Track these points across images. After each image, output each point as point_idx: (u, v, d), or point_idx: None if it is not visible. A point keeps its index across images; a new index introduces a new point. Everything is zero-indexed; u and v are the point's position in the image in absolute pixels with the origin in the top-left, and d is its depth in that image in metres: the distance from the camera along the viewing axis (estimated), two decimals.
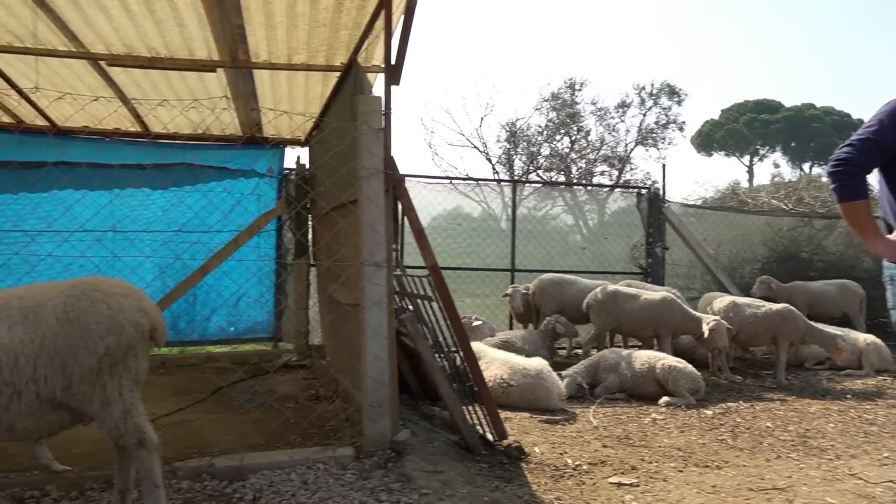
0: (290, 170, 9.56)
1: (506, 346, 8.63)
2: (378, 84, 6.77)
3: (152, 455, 3.55)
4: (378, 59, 6.57)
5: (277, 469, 4.66)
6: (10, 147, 8.20)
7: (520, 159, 25.14)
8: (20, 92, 7.02)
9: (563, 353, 10.28)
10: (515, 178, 21.11)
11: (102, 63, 6.47)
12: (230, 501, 4.17)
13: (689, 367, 7.78)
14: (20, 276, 8.17)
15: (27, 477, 4.50)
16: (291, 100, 7.73)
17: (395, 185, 5.08)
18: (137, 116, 8.32)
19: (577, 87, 26.06)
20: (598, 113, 26.44)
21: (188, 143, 9.00)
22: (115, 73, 6.83)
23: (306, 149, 9.54)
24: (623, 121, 27.13)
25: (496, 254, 11.76)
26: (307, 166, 9.30)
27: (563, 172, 25.09)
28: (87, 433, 5.79)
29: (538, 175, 24.23)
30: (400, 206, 5.56)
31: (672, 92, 27.30)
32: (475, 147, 25.38)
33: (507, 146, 24.94)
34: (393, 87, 5.25)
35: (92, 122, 8.42)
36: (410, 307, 6.36)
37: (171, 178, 8.93)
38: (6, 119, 8.27)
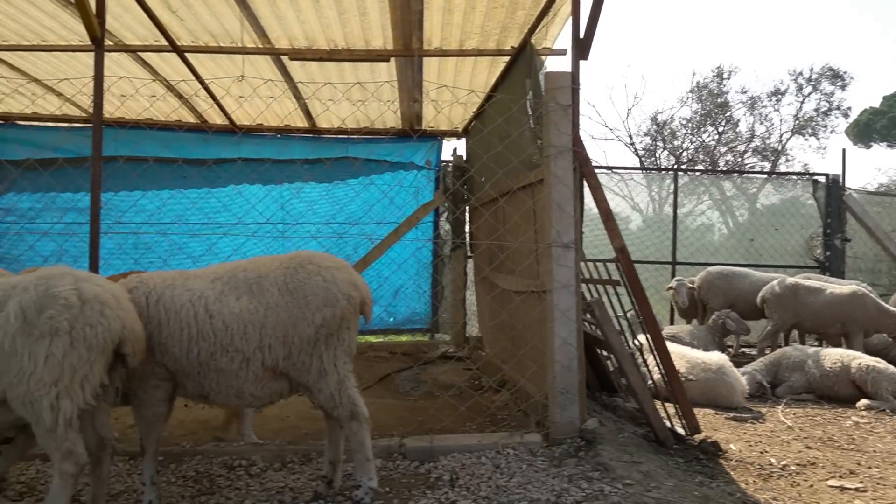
0: (447, 162, 9.61)
1: (672, 341, 8.16)
2: (552, 63, 6.63)
3: (363, 427, 3.58)
4: (550, 41, 6.41)
5: (467, 452, 4.61)
6: (198, 146, 8.81)
7: (667, 151, 24.05)
8: (209, 91, 7.48)
9: (730, 350, 9.61)
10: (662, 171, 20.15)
11: (284, 58, 6.77)
12: (427, 481, 4.15)
13: (892, 367, 6.98)
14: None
15: (235, 447, 4.74)
16: (454, 90, 7.72)
17: (582, 163, 4.88)
18: (308, 113, 8.66)
19: (725, 75, 24.60)
20: (749, 102, 24.81)
21: (351, 138, 9.27)
22: (294, 69, 7.13)
23: (462, 140, 9.59)
24: (777, 109, 25.26)
25: (637, 250, 11.27)
26: (464, 157, 9.32)
27: (709, 166, 23.73)
28: (275, 411, 6.07)
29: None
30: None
31: (835, 76, 25.06)
32: (620, 140, 24.60)
33: (653, 139, 23.94)
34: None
35: (266, 120, 8.92)
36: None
37: (336, 172, 9.25)
38: (193, 120, 8.89)
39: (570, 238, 4.78)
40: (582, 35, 4.86)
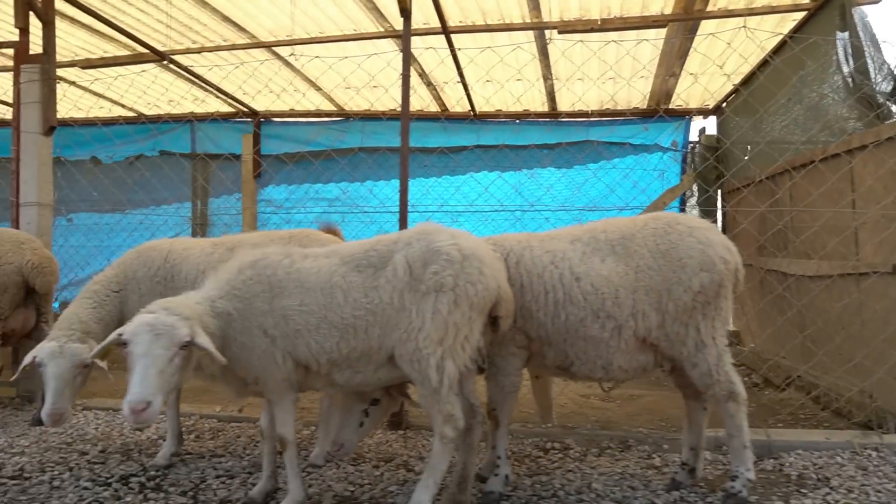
0: (695, 142, 8.90)
1: None
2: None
3: (741, 409, 3.15)
4: None
5: (813, 450, 4.02)
6: (436, 134, 8.88)
7: None
8: (461, 75, 7.43)
9: None
10: None
11: (548, 33, 6.53)
12: (789, 479, 3.62)
13: None
14: None
15: (543, 429, 4.51)
16: (722, 59, 7.03)
17: None
18: (551, 96, 8.41)
19: None
20: None
21: (591, 121, 8.89)
22: (552, 45, 6.87)
23: (710, 119, 8.86)
24: None
25: None
26: (717, 137, 8.60)
27: None
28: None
29: None
30: None
31: None
32: None
33: None
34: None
35: (506, 105, 8.79)
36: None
37: (577, 157, 8.91)
38: (434, 108, 8.99)
39: None
40: None
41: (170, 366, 2.58)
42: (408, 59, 4.71)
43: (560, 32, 6.37)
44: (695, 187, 8.87)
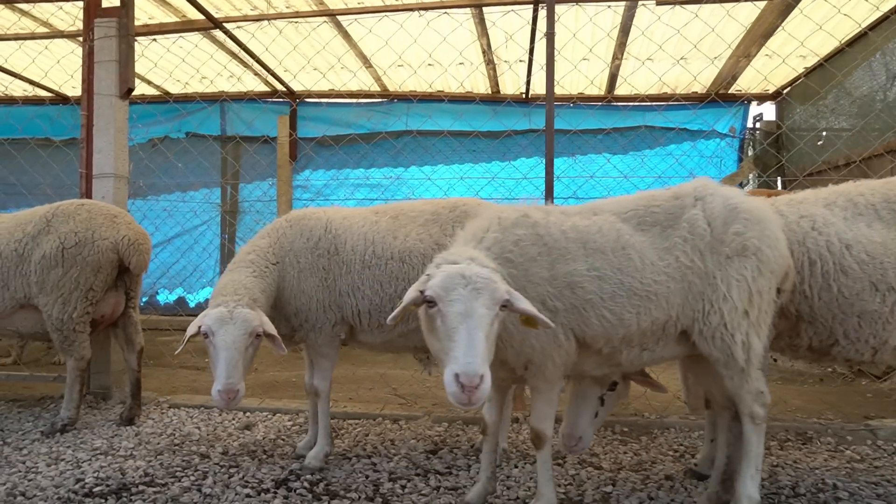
0: (754, 129, 8.67)
1: None
2: None
3: None
4: None
5: None
6: (484, 117, 8.44)
7: None
8: (532, 50, 7.03)
9: None
10: None
11: (644, 6, 6.19)
12: None
13: None
14: None
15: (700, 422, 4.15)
16: (811, 39, 6.75)
17: None
18: (612, 78, 8.07)
19: None
20: None
21: (648, 105, 8.58)
22: (638, 23, 6.54)
23: (764, 106, 8.66)
24: None
25: None
26: (777, 123, 8.39)
27: None
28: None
29: None
30: None
31: None
32: None
33: None
34: None
35: (563, 88, 8.40)
36: None
37: (630, 143, 8.59)
38: (481, 90, 8.56)
39: None
40: None
41: (491, 331, 2.05)
42: (552, 18, 4.27)
43: (658, 4, 6.03)
44: (751, 175, 8.66)
